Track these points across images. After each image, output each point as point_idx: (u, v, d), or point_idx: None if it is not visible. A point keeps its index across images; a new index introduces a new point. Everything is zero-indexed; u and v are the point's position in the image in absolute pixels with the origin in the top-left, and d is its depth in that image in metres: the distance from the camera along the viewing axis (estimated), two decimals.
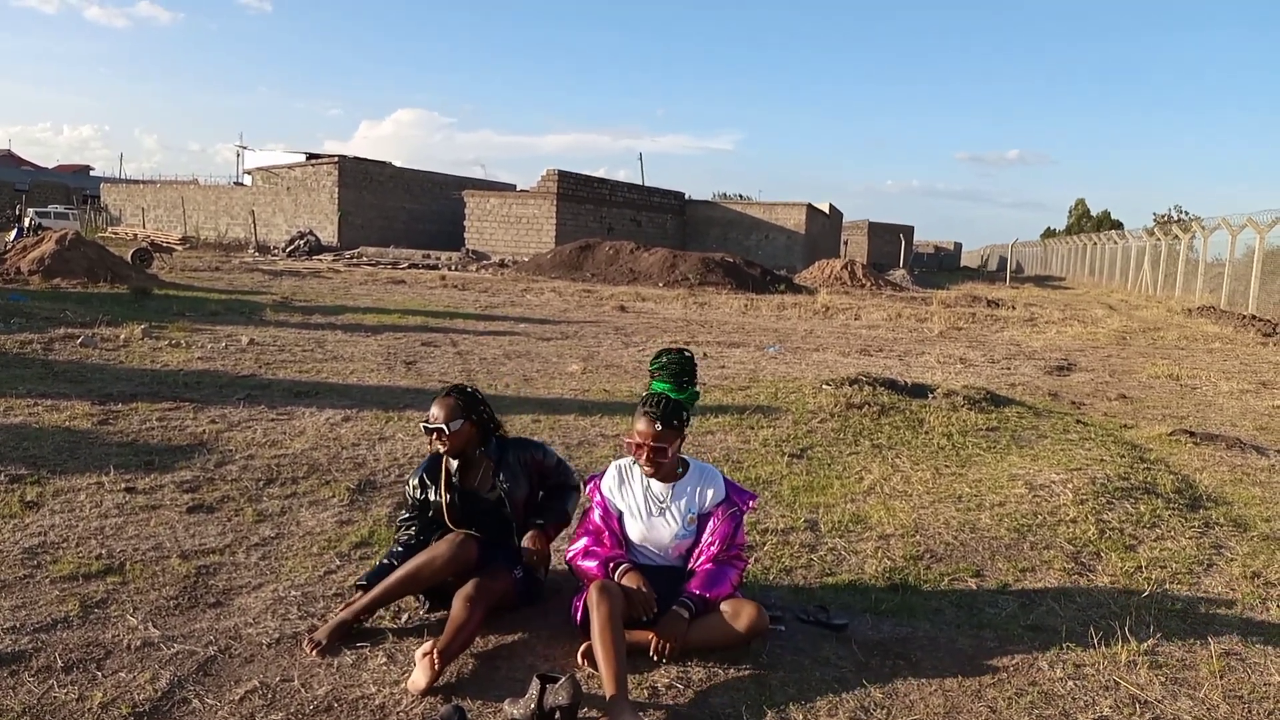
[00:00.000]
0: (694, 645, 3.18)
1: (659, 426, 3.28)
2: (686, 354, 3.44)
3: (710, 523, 3.40)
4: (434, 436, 3.48)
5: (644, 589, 3.19)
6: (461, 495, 3.56)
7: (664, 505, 3.42)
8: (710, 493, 3.43)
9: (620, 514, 3.45)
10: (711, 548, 3.36)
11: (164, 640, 3.17)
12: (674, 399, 3.35)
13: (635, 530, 3.44)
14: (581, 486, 3.73)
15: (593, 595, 3.07)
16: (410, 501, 3.65)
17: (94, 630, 3.22)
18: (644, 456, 3.33)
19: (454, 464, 3.57)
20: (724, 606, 3.24)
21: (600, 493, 3.51)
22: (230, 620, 3.36)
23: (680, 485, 3.44)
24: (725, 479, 3.53)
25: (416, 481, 3.63)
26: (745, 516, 3.54)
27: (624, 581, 3.22)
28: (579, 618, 3.28)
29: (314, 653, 3.11)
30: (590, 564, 3.33)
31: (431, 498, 3.59)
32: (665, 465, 3.38)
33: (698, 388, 3.45)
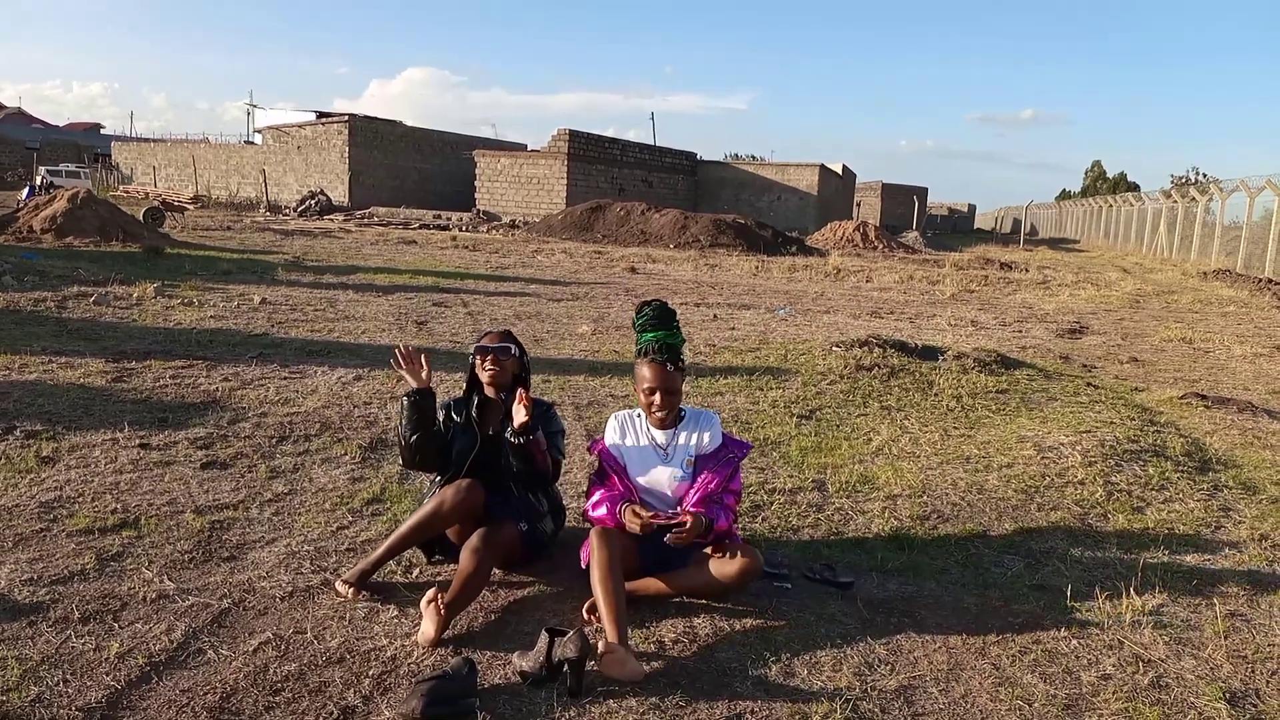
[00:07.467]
0: (694, 588, 3.30)
1: (669, 368, 3.37)
2: (667, 304, 3.52)
3: (705, 469, 3.42)
4: (489, 359, 3.55)
5: (643, 514, 3.22)
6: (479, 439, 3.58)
7: (663, 449, 3.45)
8: (707, 436, 3.47)
9: (625, 465, 3.48)
10: (709, 485, 3.38)
11: (179, 593, 3.23)
12: (671, 341, 3.41)
13: (637, 477, 3.48)
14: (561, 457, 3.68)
15: (593, 541, 3.17)
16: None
17: (110, 583, 3.28)
18: (657, 402, 3.38)
19: (475, 401, 3.61)
20: (718, 549, 3.30)
21: (606, 449, 3.52)
22: (244, 574, 3.41)
23: (678, 430, 3.49)
24: (721, 427, 3.56)
25: (442, 413, 3.68)
26: (742, 463, 3.58)
27: (625, 516, 3.25)
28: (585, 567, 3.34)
29: (350, 593, 3.24)
30: (602, 512, 3.37)
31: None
32: (675, 408, 3.43)
33: (682, 335, 3.54)
